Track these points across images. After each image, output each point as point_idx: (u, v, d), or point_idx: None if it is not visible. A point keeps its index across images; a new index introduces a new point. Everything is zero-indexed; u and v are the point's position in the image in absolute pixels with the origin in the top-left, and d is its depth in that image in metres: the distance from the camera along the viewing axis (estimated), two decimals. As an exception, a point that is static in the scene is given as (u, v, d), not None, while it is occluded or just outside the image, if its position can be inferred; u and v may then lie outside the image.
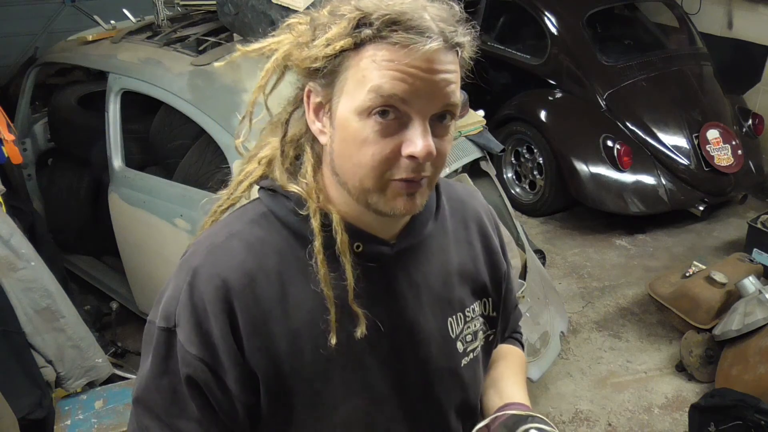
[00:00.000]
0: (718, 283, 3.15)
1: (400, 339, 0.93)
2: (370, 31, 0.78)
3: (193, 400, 0.87)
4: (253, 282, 0.86)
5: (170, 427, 0.89)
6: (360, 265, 0.88)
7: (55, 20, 5.65)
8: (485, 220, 1.08)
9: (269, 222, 0.91)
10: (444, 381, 0.98)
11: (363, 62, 0.79)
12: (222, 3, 2.60)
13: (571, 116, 4.39)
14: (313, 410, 0.91)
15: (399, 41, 0.77)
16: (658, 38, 4.93)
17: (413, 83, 0.78)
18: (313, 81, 0.84)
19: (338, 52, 0.80)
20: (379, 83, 0.78)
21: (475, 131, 2.81)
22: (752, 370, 2.75)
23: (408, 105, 0.79)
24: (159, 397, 0.88)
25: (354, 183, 0.84)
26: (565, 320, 2.99)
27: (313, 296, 0.87)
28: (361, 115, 0.80)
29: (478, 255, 1.04)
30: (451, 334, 0.98)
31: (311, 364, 0.88)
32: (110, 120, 2.84)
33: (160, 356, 0.88)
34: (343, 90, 0.81)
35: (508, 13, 4.95)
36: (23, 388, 2.24)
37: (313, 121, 0.87)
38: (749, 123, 4.59)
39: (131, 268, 3.03)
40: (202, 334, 0.84)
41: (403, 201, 0.84)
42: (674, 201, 4.18)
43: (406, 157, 0.80)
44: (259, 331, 0.86)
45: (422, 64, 0.78)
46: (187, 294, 0.85)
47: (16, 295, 2.30)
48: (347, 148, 0.82)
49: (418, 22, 0.77)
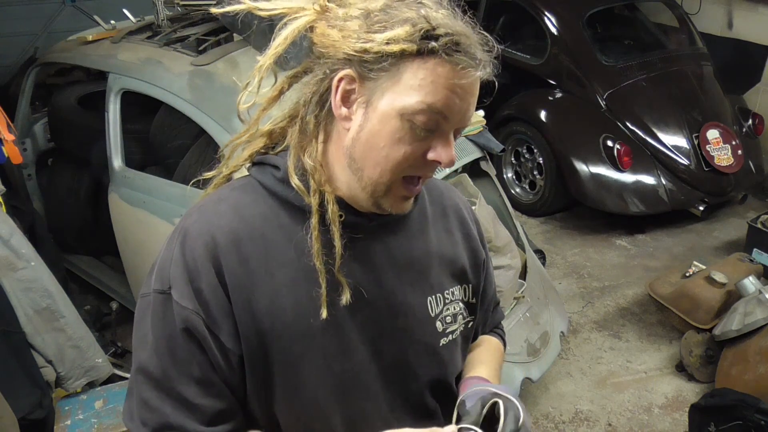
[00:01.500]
0: (718, 283, 3.15)
1: (379, 307, 0.97)
2: (437, 44, 0.83)
3: (194, 358, 0.90)
4: (238, 240, 0.91)
5: (169, 393, 0.90)
6: (343, 235, 0.93)
7: (55, 20, 5.65)
8: (464, 210, 1.14)
9: (255, 190, 0.97)
10: (420, 355, 1.02)
11: (421, 72, 0.84)
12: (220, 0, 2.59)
13: (571, 116, 4.39)
14: (291, 373, 0.94)
15: (457, 62, 0.84)
16: (658, 38, 4.93)
17: (456, 103, 0.86)
18: (350, 68, 0.87)
19: (399, 53, 0.84)
20: (433, 97, 0.84)
21: (475, 131, 2.81)
22: (752, 370, 2.75)
23: (446, 120, 0.87)
24: (158, 361, 0.90)
25: (372, 173, 0.89)
26: (565, 320, 2.99)
27: (295, 259, 0.93)
28: (404, 116, 0.85)
29: (457, 242, 1.09)
30: (431, 312, 1.03)
31: (292, 324, 0.92)
32: (110, 120, 2.84)
33: (157, 319, 0.91)
34: (392, 88, 0.86)
35: (508, 13, 4.95)
36: (23, 388, 2.24)
37: (339, 105, 0.89)
38: (749, 123, 4.59)
39: (131, 268, 3.03)
40: (194, 289, 0.89)
41: (400, 203, 0.94)
42: (674, 201, 4.18)
43: (432, 161, 0.89)
44: (243, 288, 0.90)
45: (467, 87, 0.86)
46: (180, 252, 0.91)
47: (16, 295, 2.30)
48: (379, 141, 0.87)
49: (472, 49, 0.85)
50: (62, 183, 3.56)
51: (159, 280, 0.92)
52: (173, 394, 0.90)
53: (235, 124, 2.38)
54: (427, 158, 0.89)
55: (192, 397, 0.90)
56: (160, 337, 0.90)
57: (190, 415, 0.90)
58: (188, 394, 0.90)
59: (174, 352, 0.90)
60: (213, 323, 0.89)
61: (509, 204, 3.04)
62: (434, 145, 0.88)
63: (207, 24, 2.94)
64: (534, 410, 2.88)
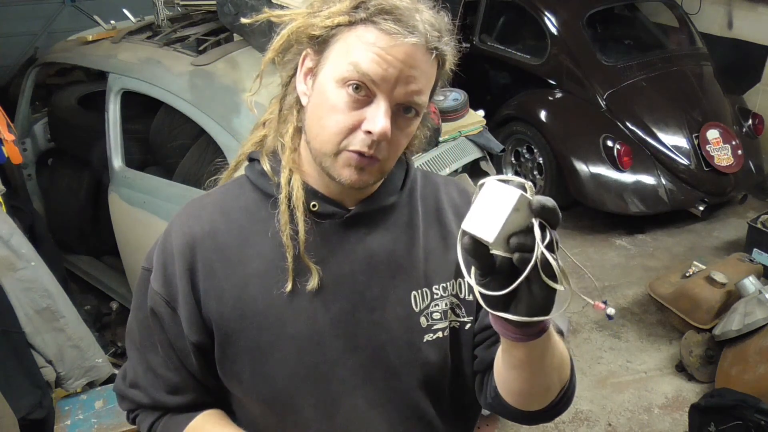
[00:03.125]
0: (718, 283, 3.15)
1: (354, 300, 0.97)
2: (364, 14, 0.87)
3: (156, 334, 1.00)
4: (215, 232, 0.97)
5: (144, 358, 1.04)
6: (317, 223, 0.96)
7: (55, 20, 5.65)
8: (461, 206, 1.10)
9: (242, 185, 1.02)
10: (401, 351, 0.99)
11: (351, 38, 0.88)
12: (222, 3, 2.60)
13: (571, 116, 4.39)
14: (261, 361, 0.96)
15: (385, 29, 0.85)
16: (658, 38, 4.92)
17: (386, 69, 0.86)
18: (310, 47, 0.92)
19: (335, 26, 0.89)
20: (357, 60, 0.86)
21: (475, 131, 2.81)
22: (752, 370, 2.75)
23: (377, 87, 0.87)
24: (137, 329, 1.05)
25: (315, 144, 0.92)
26: (566, 320, 2.99)
27: (272, 249, 0.96)
28: (338, 83, 0.88)
29: (452, 235, 1.05)
30: (414, 307, 1.00)
31: (262, 313, 0.95)
32: (110, 120, 2.84)
33: (140, 292, 1.02)
34: (329, 58, 0.90)
35: (508, 13, 4.95)
36: (23, 388, 2.24)
37: (301, 82, 0.95)
38: (749, 123, 4.59)
39: (131, 268, 3.03)
40: (166, 274, 0.97)
41: (349, 171, 0.90)
42: (674, 201, 4.18)
43: (364, 132, 0.88)
44: (213, 276, 0.96)
45: (399, 55, 0.86)
46: (162, 240, 1.01)
47: (16, 295, 2.29)
48: (318, 111, 0.90)
49: (407, 19, 0.86)
50: (62, 183, 3.55)
51: (147, 260, 1.02)
52: (145, 359, 1.04)
53: (235, 124, 2.38)
54: (361, 128, 0.88)
55: (157, 367, 1.03)
56: (139, 308, 1.02)
57: (155, 382, 1.04)
58: (154, 363, 1.03)
59: (145, 325, 1.02)
60: (177, 307, 0.96)
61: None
62: (368, 115, 0.87)
63: (207, 24, 2.94)
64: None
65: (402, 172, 1.05)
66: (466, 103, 2.82)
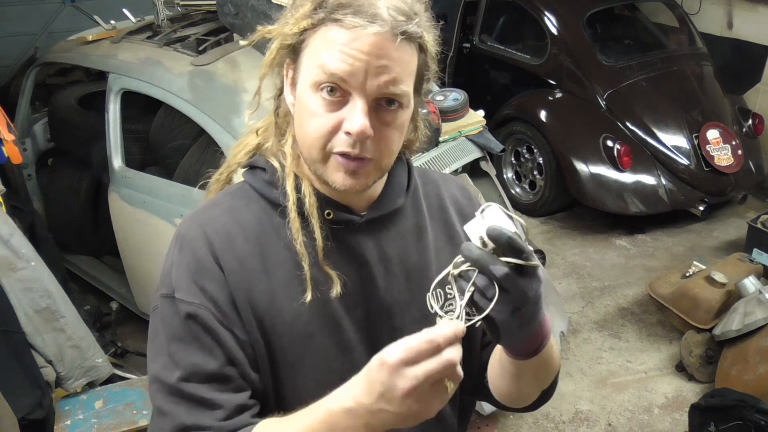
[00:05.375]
0: (718, 283, 3.15)
1: (374, 306, 0.97)
2: (323, 13, 0.84)
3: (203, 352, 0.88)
4: (232, 241, 0.93)
5: (182, 395, 0.87)
6: (332, 230, 0.93)
7: (55, 20, 5.65)
8: (462, 201, 1.10)
9: (248, 194, 0.98)
10: None
11: (316, 41, 0.86)
12: (222, 3, 2.60)
13: (571, 116, 4.39)
14: (292, 372, 0.94)
15: (346, 24, 0.82)
16: (658, 38, 4.92)
17: (353, 64, 0.82)
18: (288, 57, 0.91)
19: (301, 31, 0.86)
20: (323, 61, 0.84)
21: (475, 131, 2.81)
22: (752, 370, 2.75)
23: (348, 84, 0.84)
24: (171, 364, 0.88)
25: (305, 152, 0.91)
26: (565, 320, 2.99)
27: (290, 258, 0.93)
28: (312, 88, 0.86)
29: (458, 233, 1.06)
30: (430, 309, 0.99)
31: (291, 323, 0.93)
32: (110, 120, 2.84)
33: (167, 324, 0.90)
34: (302, 65, 0.88)
35: (508, 13, 4.95)
36: (23, 388, 2.24)
37: (288, 93, 0.93)
38: (749, 123, 4.59)
39: (131, 268, 3.03)
40: (199, 287, 0.89)
41: (342, 176, 0.88)
42: (674, 201, 4.18)
43: (344, 133, 0.85)
44: (243, 286, 0.91)
45: (364, 47, 0.82)
46: (179, 257, 0.92)
47: (16, 295, 2.29)
48: (301, 119, 0.89)
49: (367, 8, 0.82)
50: (62, 183, 3.56)
51: (165, 286, 0.92)
52: (186, 395, 0.88)
53: (235, 123, 2.38)
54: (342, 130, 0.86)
55: (206, 394, 0.88)
56: (170, 340, 0.89)
57: (207, 412, 0.87)
58: (201, 392, 0.88)
59: (185, 352, 0.88)
60: (224, 317, 0.89)
61: (509, 204, 3.04)
62: (345, 115, 0.85)
63: (207, 24, 2.94)
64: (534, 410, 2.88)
65: (405, 172, 1.04)
66: (466, 103, 2.82)
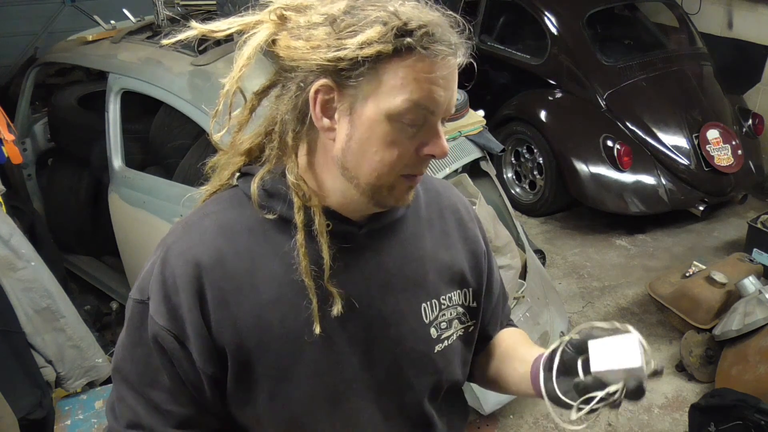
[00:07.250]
0: (718, 283, 3.15)
1: (370, 318, 0.96)
2: (412, 40, 0.80)
3: (164, 370, 0.92)
4: (222, 258, 0.90)
5: (143, 396, 0.94)
6: (332, 245, 0.91)
7: (55, 20, 5.65)
8: (462, 210, 1.10)
9: (242, 203, 0.94)
10: (414, 364, 1.00)
11: (402, 71, 0.82)
12: (222, 3, 2.60)
13: (571, 116, 4.39)
14: (279, 386, 0.93)
15: (438, 54, 0.82)
16: (658, 38, 4.92)
17: (441, 94, 0.84)
18: (326, 78, 0.84)
19: (375, 56, 0.81)
20: (418, 96, 0.82)
21: (475, 131, 2.81)
22: (752, 370, 2.75)
23: (434, 114, 0.85)
24: (133, 367, 0.94)
25: (369, 179, 0.87)
26: (565, 320, 2.99)
27: (284, 272, 0.91)
28: (391, 118, 0.83)
29: (455, 244, 1.06)
30: (425, 319, 1.00)
31: (279, 338, 0.91)
32: (110, 120, 2.84)
33: (134, 327, 0.93)
34: (374, 92, 0.83)
35: (508, 13, 4.94)
36: (23, 388, 2.24)
37: (320, 117, 0.86)
38: (749, 123, 4.59)
39: (131, 268, 3.03)
40: (170, 307, 0.89)
41: (407, 195, 0.92)
42: (674, 201, 4.18)
43: (425, 156, 0.88)
44: (226, 305, 0.90)
45: (449, 77, 0.84)
46: (159, 268, 0.91)
47: (16, 295, 2.30)
48: (371, 147, 0.85)
49: (448, 35, 0.83)
50: (62, 183, 3.56)
51: (139, 291, 0.93)
52: (145, 396, 0.94)
53: (235, 124, 2.37)
54: (420, 154, 0.87)
55: (162, 403, 0.93)
56: (135, 344, 0.93)
57: (161, 419, 0.94)
58: (159, 400, 0.93)
59: (147, 362, 0.92)
60: (186, 339, 0.90)
61: (509, 204, 3.04)
62: (425, 140, 0.87)
63: (207, 24, 2.93)
64: (534, 410, 2.87)
65: None
66: (466, 103, 2.82)
